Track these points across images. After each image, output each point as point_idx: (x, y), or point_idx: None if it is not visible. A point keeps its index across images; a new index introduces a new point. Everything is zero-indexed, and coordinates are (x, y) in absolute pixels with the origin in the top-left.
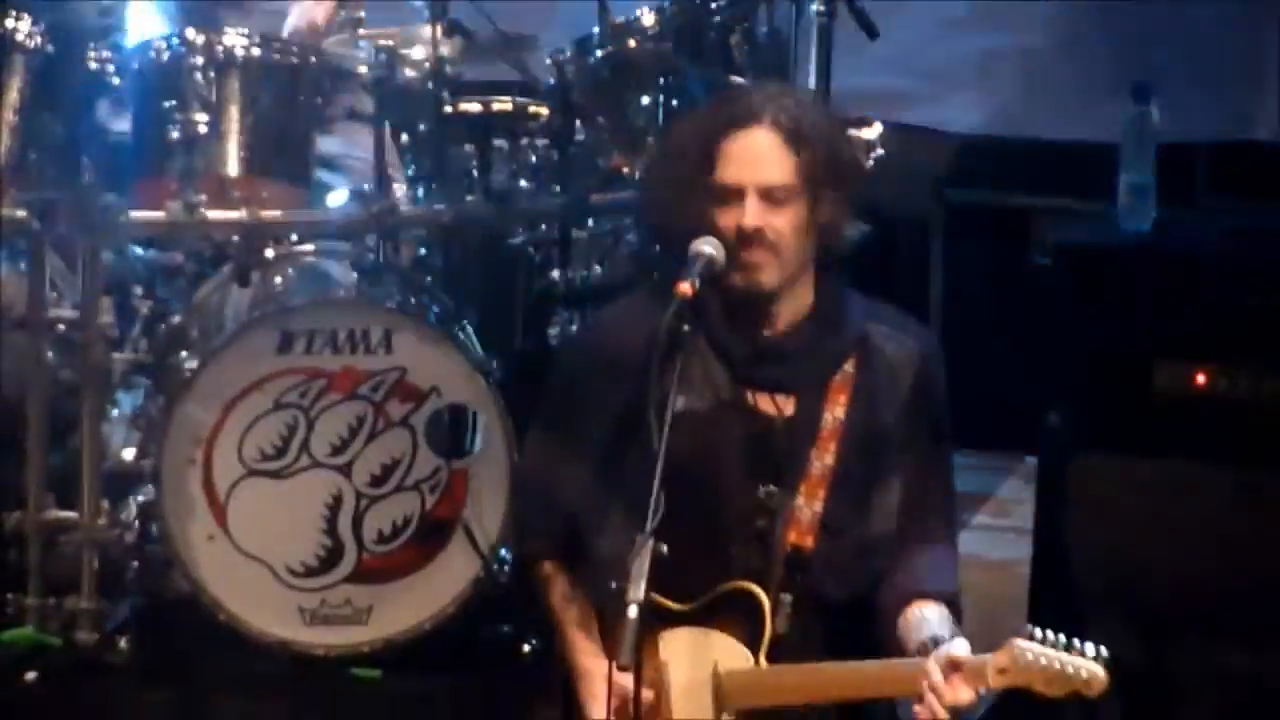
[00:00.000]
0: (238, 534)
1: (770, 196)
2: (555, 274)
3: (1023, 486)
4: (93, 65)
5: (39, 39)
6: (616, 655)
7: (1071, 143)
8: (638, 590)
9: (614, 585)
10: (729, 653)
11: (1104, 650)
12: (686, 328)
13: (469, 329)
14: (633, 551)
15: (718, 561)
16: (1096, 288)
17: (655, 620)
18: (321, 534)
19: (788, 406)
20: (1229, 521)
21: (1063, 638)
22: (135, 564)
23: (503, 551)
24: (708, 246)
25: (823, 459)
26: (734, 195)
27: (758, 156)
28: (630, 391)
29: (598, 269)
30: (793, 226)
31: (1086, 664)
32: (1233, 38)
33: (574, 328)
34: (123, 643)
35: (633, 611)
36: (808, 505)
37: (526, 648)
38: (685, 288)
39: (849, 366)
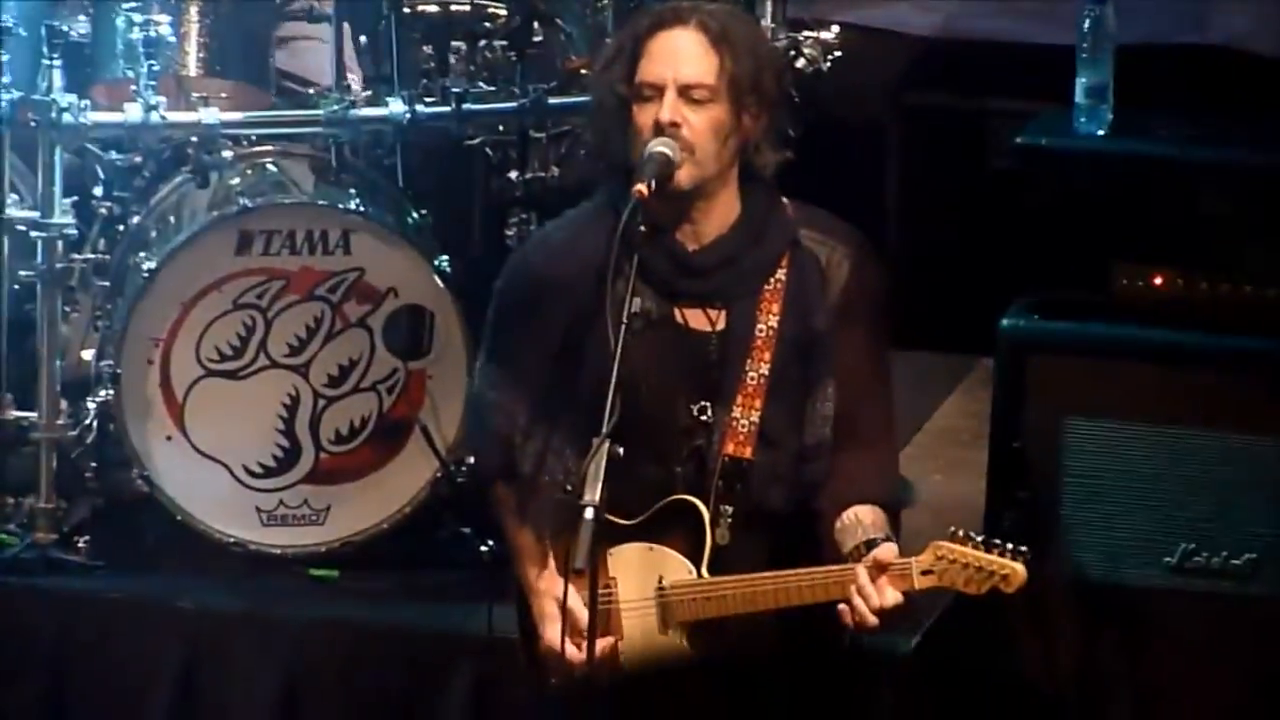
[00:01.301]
0: (195, 434)
1: (689, 95)
2: (513, 175)
3: (981, 388)
4: None
5: None
6: (571, 561)
7: (1029, 45)
8: (594, 493)
9: (568, 489)
10: (673, 566)
11: (1022, 547)
12: (643, 228)
13: (427, 231)
14: (588, 455)
15: (660, 479)
16: (1054, 190)
17: (604, 537)
18: (279, 434)
19: (720, 320)
20: (1187, 421)
21: (982, 538)
22: (94, 464)
23: (461, 453)
24: (662, 146)
25: (758, 369)
26: (655, 92)
27: (678, 53)
28: (576, 306)
29: (555, 170)
30: (710, 127)
31: (1005, 561)
32: None
33: (532, 229)
34: (81, 542)
35: (589, 514)
36: (744, 416)
37: (484, 549)
38: (641, 188)
39: (780, 274)
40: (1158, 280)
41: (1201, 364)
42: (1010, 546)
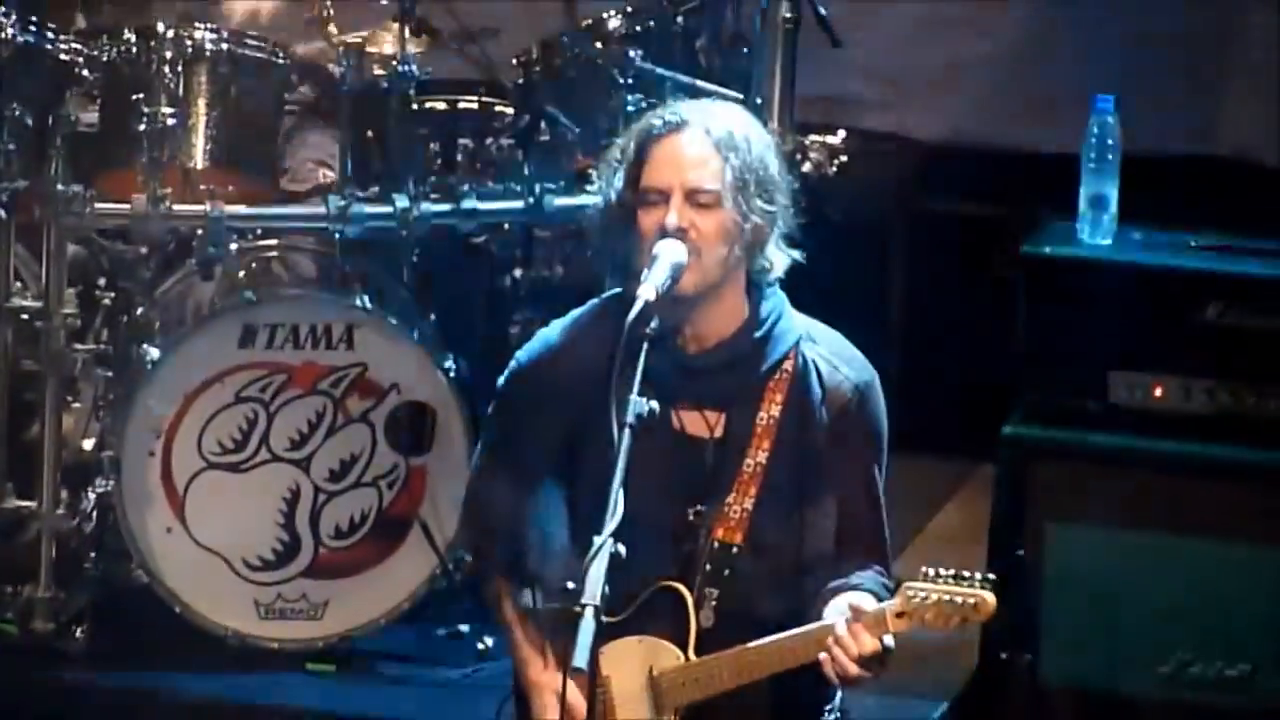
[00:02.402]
0: (195, 526)
1: (695, 199)
2: (517, 273)
3: (981, 493)
4: (62, 57)
5: (9, 30)
6: (570, 660)
7: (1035, 153)
8: (595, 592)
9: (568, 588)
10: (663, 655)
11: (989, 575)
12: (650, 329)
13: (430, 327)
14: (589, 555)
15: (646, 579)
16: (1056, 299)
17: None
18: (279, 528)
19: (718, 424)
20: (1186, 530)
21: (952, 572)
22: (93, 554)
23: (460, 550)
24: (671, 248)
25: (755, 458)
26: (660, 197)
27: (683, 158)
28: (577, 404)
29: (559, 269)
30: (717, 232)
31: (973, 590)
32: (1195, 52)
33: (534, 327)
34: (79, 632)
35: (589, 613)
36: (737, 503)
37: (481, 645)
38: (648, 290)
39: (784, 374)
40: (1158, 390)
41: (1201, 474)
42: (978, 576)
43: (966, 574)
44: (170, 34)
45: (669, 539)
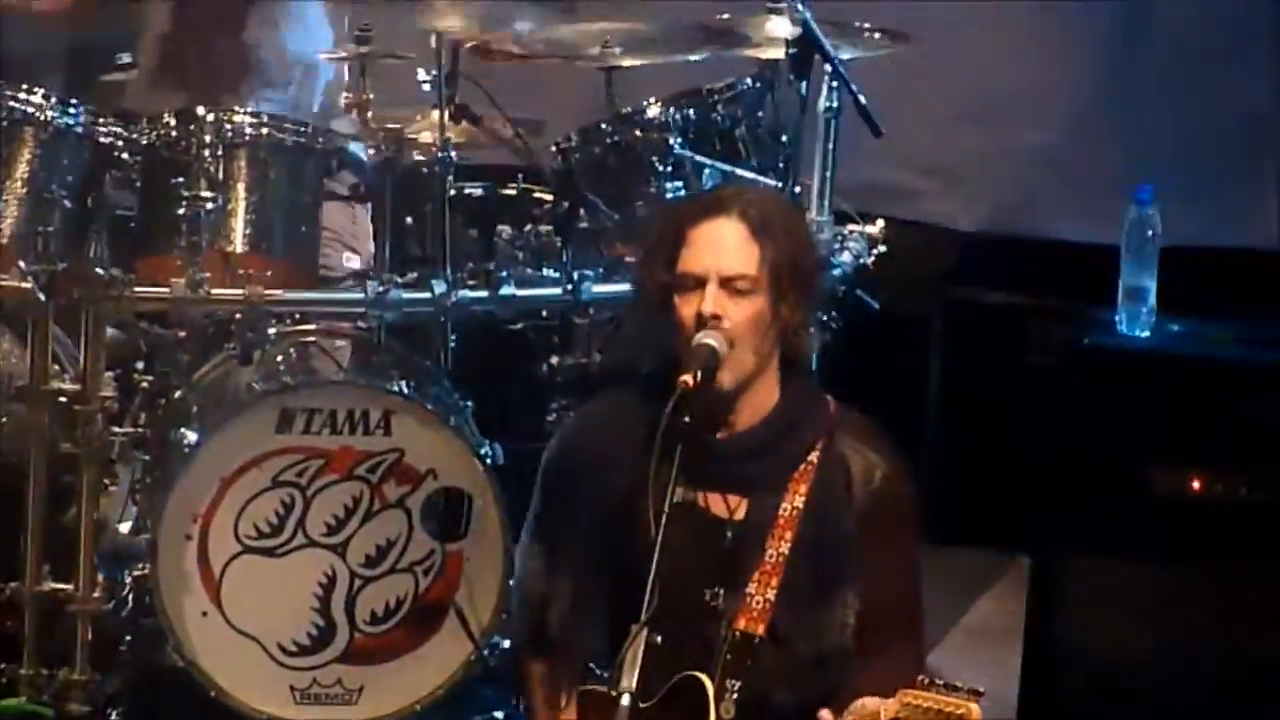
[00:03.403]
0: (231, 611)
1: (731, 285)
2: (555, 360)
3: (1016, 586)
4: (102, 139)
5: (50, 112)
6: None
7: (1074, 242)
8: (630, 680)
9: (599, 673)
10: None
11: (979, 688)
12: (687, 419)
13: (467, 413)
14: (626, 642)
15: (671, 663)
16: (1094, 390)
17: None
18: (314, 613)
19: (740, 508)
20: (1224, 627)
21: (944, 682)
22: (129, 637)
23: (495, 636)
24: (710, 339)
25: (778, 548)
26: (696, 283)
27: (721, 245)
28: (613, 485)
29: (597, 356)
30: (752, 318)
31: (960, 700)
32: (1235, 144)
33: (571, 414)
34: (114, 715)
35: (625, 700)
36: (759, 593)
37: None
38: (687, 380)
39: (810, 463)
40: (1196, 484)
41: (1241, 571)
42: (968, 689)
43: (959, 685)
44: (210, 118)
45: (691, 618)
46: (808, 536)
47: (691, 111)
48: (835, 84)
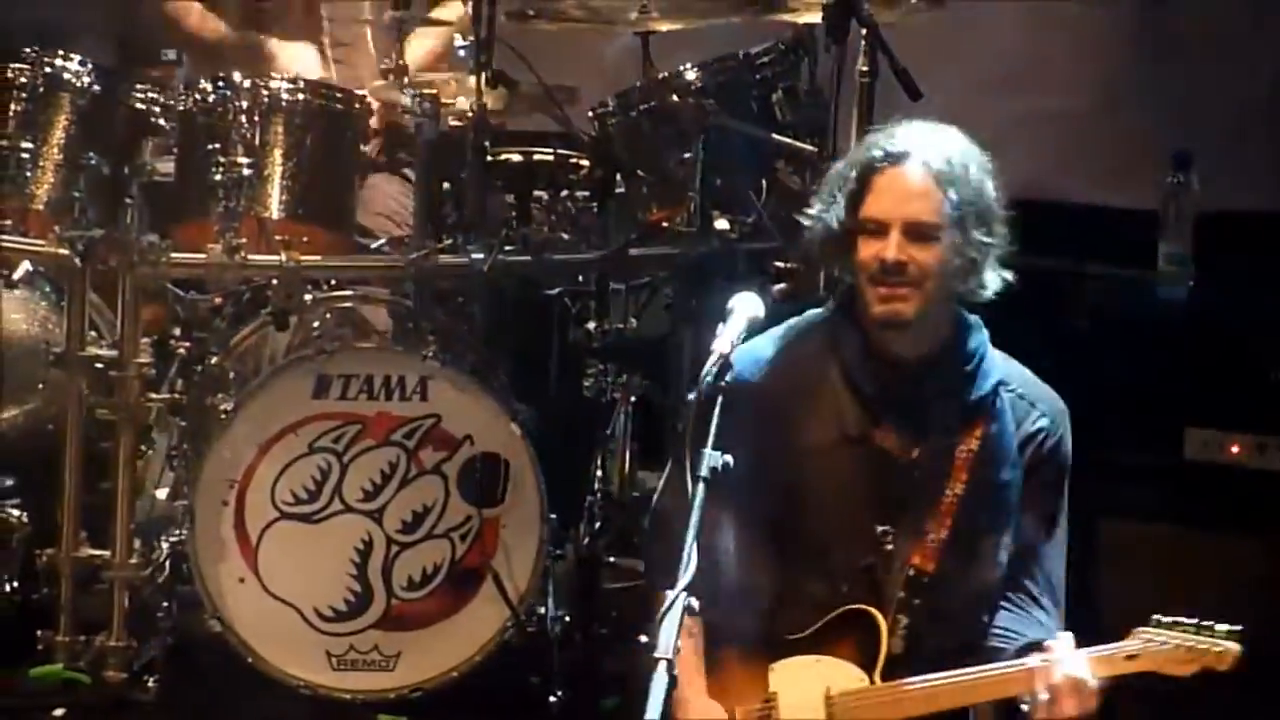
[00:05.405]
0: (268, 577)
1: (915, 232)
2: (591, 325)
3: None
4: (139, 106)
5: (86, 78)
6: (649, 708)
7: (1112, 208)
8: (667, 647)
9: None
10: (843, 676)
11: (1236, 626)
12: (724, 383)
13: (504, 378)
14: (664, 608)
15: (825, 596)
16: (1132, 353)
17: (766, 651)
18: (351, 579)
19: (914, 446)
20: (1258, 592)
21: (1190, 621)
22: (165, 604)
23: (532, 602)
24: (747, 303)
25: (954, 489)
26: (880, 227)
27: (905, 192)
28: (778, 423)
29: (634, 322)
30: (936, 263)
31: (1215, 640)
32: (1272, 107)
33: (608, 380)
34: (151, 682)
35: (662, 669)
36: (934, 532)
37: (553, 699)
38: (724, 346)
39: (986, 407)
40: (1234, 448)
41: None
42: (1221, 627)
43: (1207, 624)
44: (246, 84)
45: (853, 553)
46: (979, 479)
47: (728, 76)
48: (872, 48)
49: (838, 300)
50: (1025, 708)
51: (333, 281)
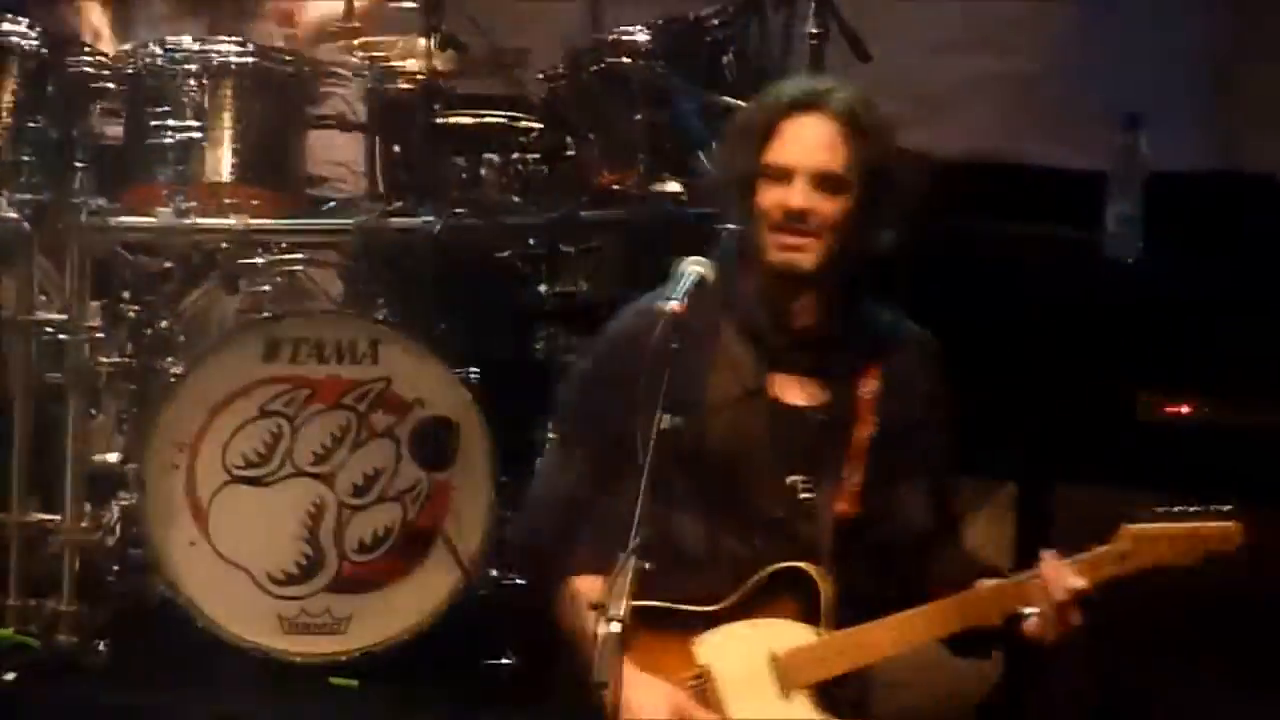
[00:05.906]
0: (219, 540)
1: (820, 182)
2: (542, 288)
3: (1003, 513)
4: (86, 70)
5: (33, 42)
6: (593, 672)
7: (1061, 169)
8: (618, 608)
9: (647, 566)
10: (786, 634)
11: (1225, 506)
12: (675, 345)
13: (454, 342)
14: (615, 569)
15: (743, 555)
16: (1081, 316)
17: (679, 629)
18: (303, 542)
19: (819, 394)
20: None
21: (1176, 508)
22: (116, 568)
23: (483, 565)
24: (698, 266)
25: (863, 431)
26: (784, 175)
27: (814, 140)
28: (680, 380)
29: (584, 284)
30: (839, 216)
31: (1213, 522)
32: (1220, 68)
33: (559, 341)
34: (101, 646)
35: (615, 628)
36: (851, 476)
37: (504, 661)
38: (675, 306)
39: (883, 345)
40: (1185, 409)
41: (1230, 496)
42: (1213, 508)
43: (1193, 509)
44: (195, 46)
45: (765, 508)
46: (886, 417)
47: (678, 38)
48: (820, 10)
49: (728, 248)
50: (1026, 623)
51: (283, 245)
